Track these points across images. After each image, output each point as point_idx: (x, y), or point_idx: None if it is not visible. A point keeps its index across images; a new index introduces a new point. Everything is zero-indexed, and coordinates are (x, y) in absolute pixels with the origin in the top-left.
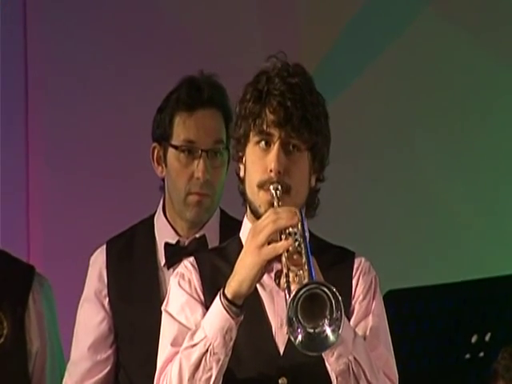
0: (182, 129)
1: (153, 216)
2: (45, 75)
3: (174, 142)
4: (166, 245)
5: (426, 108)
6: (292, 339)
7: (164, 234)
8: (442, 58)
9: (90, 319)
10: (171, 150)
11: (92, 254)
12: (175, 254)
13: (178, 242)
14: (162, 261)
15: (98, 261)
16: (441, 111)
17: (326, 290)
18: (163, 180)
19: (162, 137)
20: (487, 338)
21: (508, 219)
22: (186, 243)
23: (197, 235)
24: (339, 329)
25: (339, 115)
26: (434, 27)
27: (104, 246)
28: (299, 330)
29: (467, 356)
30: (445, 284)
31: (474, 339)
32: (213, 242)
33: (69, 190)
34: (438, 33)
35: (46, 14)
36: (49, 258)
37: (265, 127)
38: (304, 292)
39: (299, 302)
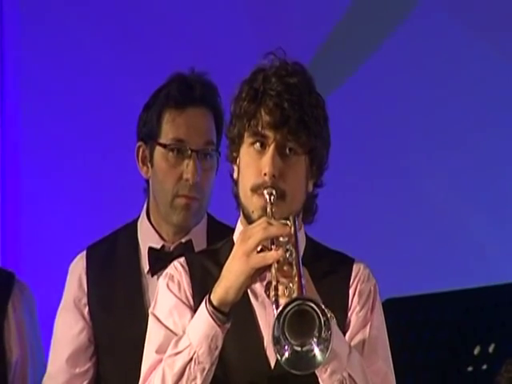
0: (170, 127)
1: (136, 220)
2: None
3: (162, 140)
4: (150, 250)
5: (426, 105)
6: (278, 357)
7: (148, 238)
8: (441, 53)
9: (69, 329)
10: (159, 149)
11: (69, 260)
12: (160, 260)
13: (163, 247)
14: (146, 267)
15: (78, 268)
16: (442, 109)
17: (314, 307)
18: (147, 182)
19: (149, 135)
20: (491, 349)
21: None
22: (172, 248)
23: (183, 240)
24: (327, 350)
25: (332, 113)
26: (433, 20)
27: (84, 252)
28: (286, 347)
29: (469, 368)
30: (446, 292)
31: (476, 351)
32: (199, 247)
33: (44, 192)
34: (436, 26)
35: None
36: (23, 263)
37: (259, 128)
38: (292, 308)
39: (286, 319)
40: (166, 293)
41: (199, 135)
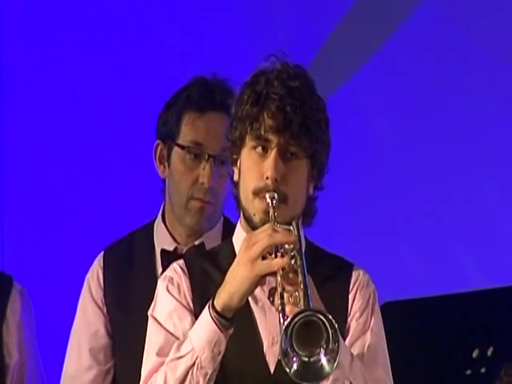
0: (190, 129)
1: (153, 222)
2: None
3: (181, 141)
4: (163, 252)
5: (427, 107)
6: (287, 370)
7: (162, 241)
8: (441, 55)
9: (91, 326)
10: (176, 150)
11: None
12: (172, 262)
13: (176, 249)
14: (160, 270)
15: (96, 268)
16: (444, 111)
17: (322, 318)
18: (164, 182)
19: (168, 135)
20: (489, 352)
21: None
22: (184, 251)
23: (196, 242)
24: (335, 361)
25: (332, 115)
26: (433, 22)
27: (102, 254)
28: (294, 359)
29: (468, 372)
30: (444, 295)
31: (475, 354)
32: None
33: (56, 191)
34: (436, 28)
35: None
36: (22, 265)
37: (262, 132)
38: (299, 319)
39: (294, 330)
40: (166, 295)
41: (217, 140)
